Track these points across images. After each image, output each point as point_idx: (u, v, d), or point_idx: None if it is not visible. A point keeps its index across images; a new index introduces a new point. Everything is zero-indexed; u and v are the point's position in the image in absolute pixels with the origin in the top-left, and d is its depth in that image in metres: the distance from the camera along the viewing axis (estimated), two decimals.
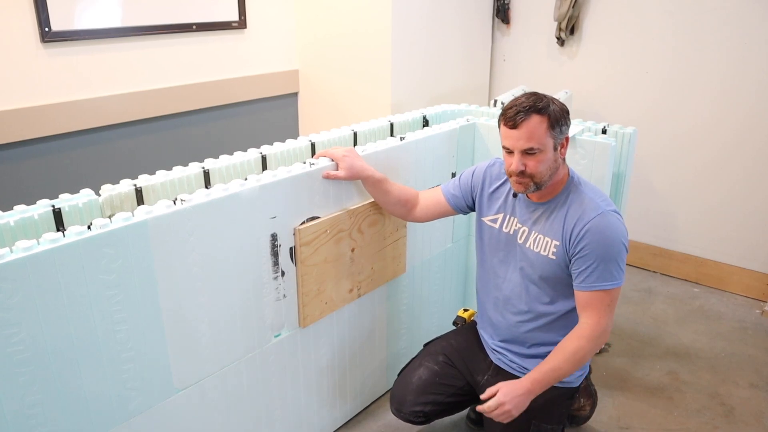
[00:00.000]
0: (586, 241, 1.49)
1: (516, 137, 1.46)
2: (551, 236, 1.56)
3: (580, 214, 1.52)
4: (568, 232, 1.52)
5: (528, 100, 1.47)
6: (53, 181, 2.26)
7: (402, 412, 1.72)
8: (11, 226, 1.28)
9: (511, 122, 1.46)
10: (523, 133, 1.45)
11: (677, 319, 2.64)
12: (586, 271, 1.50)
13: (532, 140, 1.45)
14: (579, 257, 1.51)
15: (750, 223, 2.76)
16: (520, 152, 1.47)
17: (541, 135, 1.45)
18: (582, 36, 3.01)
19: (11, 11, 2.04)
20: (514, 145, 1.48)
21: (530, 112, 1.44)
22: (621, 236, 1.50)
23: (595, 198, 1.54)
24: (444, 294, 2.27)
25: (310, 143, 1.87)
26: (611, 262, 1.48)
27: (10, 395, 1.14)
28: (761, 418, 2.05)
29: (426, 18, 2.76)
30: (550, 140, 1.47)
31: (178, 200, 1.35)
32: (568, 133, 1.53)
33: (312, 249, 1.65)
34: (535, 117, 1.45)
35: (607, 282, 1.49)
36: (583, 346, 1.50)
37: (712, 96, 2.72)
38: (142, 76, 2.44)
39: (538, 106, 1.45)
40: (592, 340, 1.50)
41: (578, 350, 1.50)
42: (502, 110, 1.52)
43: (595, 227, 1.49)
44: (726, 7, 2.60)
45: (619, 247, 1.49)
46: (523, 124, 1.45)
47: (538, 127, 1.45)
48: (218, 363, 1.52)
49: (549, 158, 1.48)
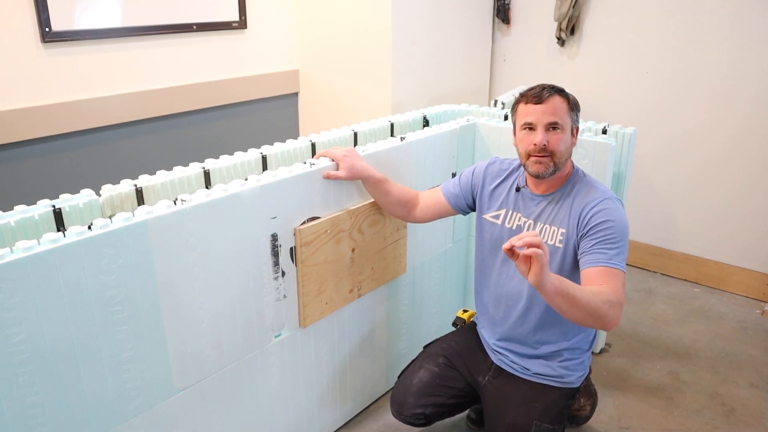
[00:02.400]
0: (601, 218, 1.49)
1: (541, 111, 1.52)
2: (557, 225, 1.57)
3: (588, 200, 1.54)
4: (576, 216, 1.53)
5: (548, 84, 1.55)
6: (54, 181, 2.26)
7: (403, 414, 1.72)
8: (12, 226, 1.28)
9: (536, 98, 1.52)
10: (548, 107, 1.51)
11: (677, 319, 2.64)
12: (603, 247, 1.45)
13: (556, 115, 1.51)
14: (591, 233, 1.49)
15: (750, 223, 2.76)
16: (544, 126, 1.51)
17: (564, 113, 1.53)
18: (582, 36, 3.01)
19: (11, 11, 2.04)
20: (538, 119, 1.52)
21: (554, 91, 1.53)
22: (627, 225, 1.52)
23: (601, 187, 1.57)
24: (444, 294, 2.27)
25: (311, 143, 1.87)
26: (625, 248, 1.48)
27: (10, 395, 1.14)
28: (761, 419, 2.05)
29: (426, 18, 2.76)
30: (569, 121, 1.54)
31: (179, 200, 1.35)
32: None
33: (312, 249, 1.65)
34: (558, 96, 1.53)
35: (621, 265, 1.45)
36: (605, 293, 1.36)
37: (712, 96, 2.72)
38: (142, 76, 2.44)
39: (559, 88, 1.55)
40: (612, 297, 1.36)
41: (600, 294, 1.35)
42: (520, 95, 1.59)
43: (611, 208, 1.51)
44: (726, 7, 2.60)
45: (628, 234, 1.51)
46: (549, 100, 1.52)
47: (561, 104, 1.53)
48: (218, 363, 1.52)
49: (568, 139, 1.54)
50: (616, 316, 1.38)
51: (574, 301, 1.32)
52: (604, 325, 1.38)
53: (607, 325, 1.39)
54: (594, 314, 1.34)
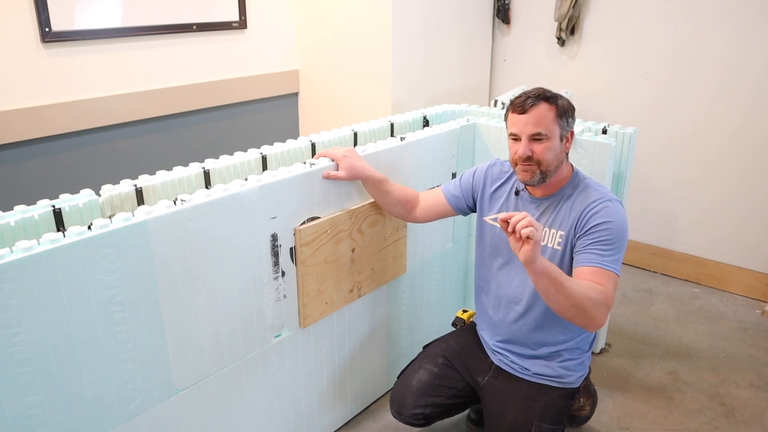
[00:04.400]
0: (602, 219, 1.48)
1: (524, 122, 1.50)
2: (556, 227, 1.57)
3: (588, 202, 1.53)
4: (575, 218, 1.53)
5: (536, 90, 1.52)
6: (53, 181, 2.26)
7: (402, 415, 1.72)
8: (11, 226, 1.28)
9: (520, 108, 1.50)
10: (531, 117, 1.49)
11: (678, 320, 2.64)
12: (597, 247, 1.46)
13: (540, 125, 1.49)
14: (588, 233, 1.49)
15: (750, 223, 2.76)
16: (528, 137, 1.50)
17: (549, 122, 1.49)
18: (582, 36, 3.01)
19: (11, 11, 2.04)
20: (522, 130, 1.51)
21: (539, 99, 1.50)
22: (626, 227, 1.51)
23: (602, 189, 1.57)
24: (444, 294, 2.27)
25: (311, 143, 1.87)
26: (619, 250, 1.47)
27: (10, 395, 1.14)
28: (762, 419, 2.05)
29: (426, 18, 2.76)
30: (557, 128, 1.51)
31: (179, 200, 1.35)
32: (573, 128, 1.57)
33: (312, 249, 1.65)
34: (543, 104, 1.50)
35: (614, 267, 1.45)
36: (593, 291, 1.37)
37: (712, 96, 2.72)
38: (142, 77, 2.44)
39: (547, 95, 1.52)
40: (599, 296, 1.37)
41: (588, 289, 1.37)
42: (510, 102, 1.56)
43: (609, 209, 1.50)
44: (726, 7, 2.60)
45: (626, 236, 1.50)
46: (532, 109, 1.49)
47: (546, 113, 1.49)
48: (218, 363, 1.52)
49: (556, 147, 1.51)
50: (600, 317, 1.39)
51: (559, 286, 1.33)
52: (586, 322, 1.39)
53: (589, 323, 1.40)
54: (577, 306, 1.35)
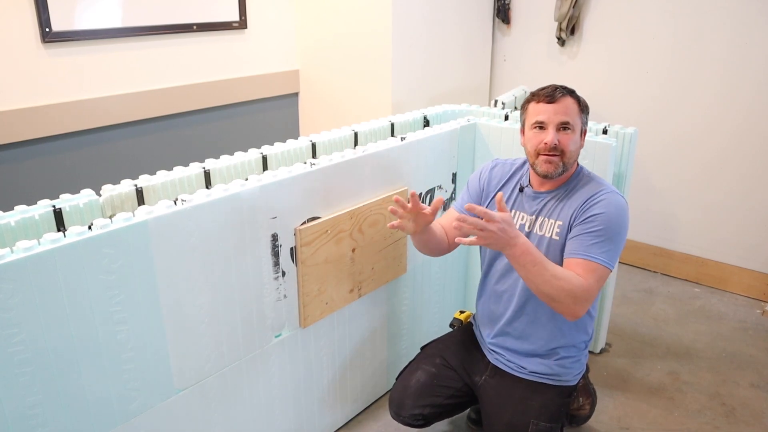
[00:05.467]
0: (596, 211, 1.49)
1: (553, 111, 1.52)
2: (555, 218, 1.57)
3: (590, 194, 1.54)
4: (576, 208, 1.53)
5: (560, 85, 1.56)
6: (54, 181, 2.26)
7: (401, 416, 1.71)
8: (12, 226, 1.28)
9: (549, 97, 1.53)
10: (561, 107, 1.52)
11: (678, 319, 2.64)
12: (586, 238, 1.47)
13: (568, 115, 1.52)
14: (582, 222, 1.49)
15: (750, 223, 2.76)
16: (555, 126, 1.52)
17: (575, 114, 1.54)
18: (582, 36, 3.01)
19: (12, 11, 2.04)
20: (550, 118, 1.52)
21: (566, 92, 1.54)
22: (626, 220, 1.52)
23: (604, 182, 1.58)
24: (444, 295, 2.27)
25: (311, 143, 1.87)
26: (612, 241, 1.47)
27: (10, 395, 1.14)
28: (762, 419, 2.05)
29: (426, 18, 2.76)
30: (579, 122, 1.55)
31: (179, 200, 1.35)
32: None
33: (312, 249, 1.65)
34: (569, 97, 1.54)
35: (602, 258, 1.45)
36: (570, 279, 1.40)
37: (712, 96, 2.72)
38: (142, 77, 2.44)
39: (570, 90, 1.56)
40: (575, 288, 1.40)
41: (564, 277, 1.40)
42: (531, 94, 1.59)
43: (606, 200, 1.51)
44: (726, 7, 2.60)
45: (623, 228, 1.50)
46: (561, 99, 1.52)
47: (572, 106, 1.54)
48: (219, 363, 1.52)
49: (577, 140, 1.55)
50: (578, 310, 1.42)
51: (539, 266, 1.39)
52: (562, 312, 1.44)
53: (565, 312, 1.44)
54: (553, 294, 1.40)
